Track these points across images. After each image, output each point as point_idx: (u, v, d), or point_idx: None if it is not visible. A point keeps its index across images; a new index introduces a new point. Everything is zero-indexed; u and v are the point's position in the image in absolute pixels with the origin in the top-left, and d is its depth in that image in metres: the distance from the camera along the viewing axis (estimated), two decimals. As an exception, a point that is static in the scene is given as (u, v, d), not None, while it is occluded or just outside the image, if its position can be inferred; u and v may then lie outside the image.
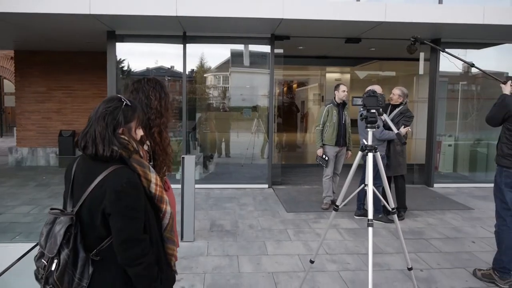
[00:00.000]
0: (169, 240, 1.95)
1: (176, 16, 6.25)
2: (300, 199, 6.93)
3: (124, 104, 1.83)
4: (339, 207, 3.19)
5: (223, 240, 5.00)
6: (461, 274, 4.16)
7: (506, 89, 3.90)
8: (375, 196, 5.55)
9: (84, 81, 10.43)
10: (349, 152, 6.42)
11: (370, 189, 2.82)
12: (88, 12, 6.14)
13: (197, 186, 7.48)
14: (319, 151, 6.28)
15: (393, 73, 12.07)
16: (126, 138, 1.81)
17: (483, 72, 4.30)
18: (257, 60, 8.11)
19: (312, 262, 3.46)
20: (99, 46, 8.51)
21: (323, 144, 6.27)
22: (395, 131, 3.18)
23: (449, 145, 8.94)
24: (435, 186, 8.06)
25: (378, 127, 2.90)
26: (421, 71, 8.34)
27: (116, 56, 7.56)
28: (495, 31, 7.19)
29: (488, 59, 8.67)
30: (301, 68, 14.00)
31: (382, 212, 5.75)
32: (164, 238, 1.94)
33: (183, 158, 4.87)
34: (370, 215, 2.78)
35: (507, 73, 8.30)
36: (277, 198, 7.02)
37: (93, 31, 7.48)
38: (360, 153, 3.03)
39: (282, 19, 6.36)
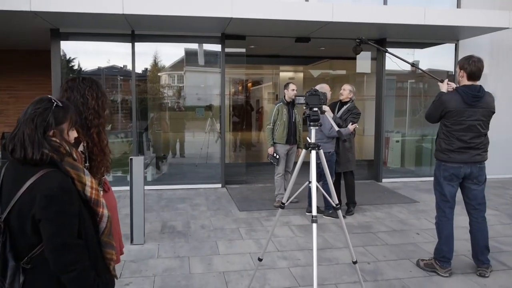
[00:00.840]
0: (107, 244, 1.90)
1: (123, 14, 6.10)
2: (253, 197, 6.97)
3: (54, 105, 1.77)
4: (285, 204, 3.23)
5: (175, 242, 4.94)
6: (405, 265, 4.33)
7: (443, 87, 4.08)
8: (326, 192, 5.65)
9: (28, 81, 9.97)
10: (300, 150, 6.52)
11: (313, 186, 2.87)
12: (28, 9, 5.88)
13: (149, 187, 7.42)
14: (270, 150, 6.35)
15: (343, 72, 12.37)
16: (58, 140, 1.75)
17: (422, 71, 4.49)
18: (211, 59, 8.06)
19: (260, 260, 3.48)
20: (44, 45, 8.16)
21: (274, 143, 6.34)
22: (336, 128, 3.26)
23: (397, 141, 9.27)
24: (383, 181, 8.34)
25: (320, 125, 2.96)
26: (358, 70, 8.63)
27: (60, 55, 7.29)
28: (435, 31, 7.52)
29: (431, 58, 9.06)
30: (256, 67, 14.08)
31: (332, 208, 5.87)
32: (102, 242, 1.89)
33: (131, 159, 4.77)
34: (314, 211, 2.83)
35: (451, 71, 8.70)
36: (230, 197, 7.03)
37: (36, 29, 7.17)
38: (304, 150, 3.08)
39: (232, 18, 6.36)
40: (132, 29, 7.28)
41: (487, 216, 4.16)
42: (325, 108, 5.50)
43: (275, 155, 6.33)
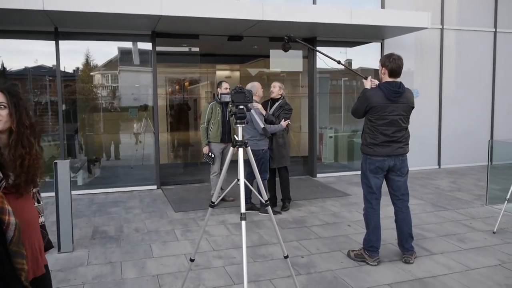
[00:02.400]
0: (16, 254, 1.78)
1: (43, 10, 5.77)
2: (189, 198, 6.89)
3: None
4: (215, 203, 3.21)
5: (106, 247, 4.76)
6: (337, 257, 4.46)
7: (367, 83, 4.26)
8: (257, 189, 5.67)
9: None
10: (234, 149, 6.53)
11: (241, 184, 2.88)
12: None
13: (80, 192, 7.12)
14: (205, 149, 6.31)
15: (279, 70, 12.53)
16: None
17: (348, 68, 4.64)
18: (144, 58, 7.83)
19: (192, 260, 3.44)
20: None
21: (209, 142, 6.30)
22: (262, 125, 3.28)
23: (330, 137, 9.56)
24: (318, 176, 8.56)
25: (247, 123, 2.97)
26: (272, 68, 8.85)
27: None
28: (362, 31, 7.83)
29: (362, 56, 9.44)
30: (192, 66, 13.91)
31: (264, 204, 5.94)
32: (11, 252, 1.77)
33: (55, 163, 4.53)
34: (243, 209, 2.84)
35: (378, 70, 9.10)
36: (165, 199, 6.89)
37: None
38: (232, 149, 3.08)
39: (161, 16, 6.22)
40: (55, 26, 6.91)
41: (413, 205, 4.40)
42: (257, 105, 5.57)
43: (210, 154, 6.30)
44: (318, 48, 8.26)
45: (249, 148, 3.03)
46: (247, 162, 3.38)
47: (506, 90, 9.74)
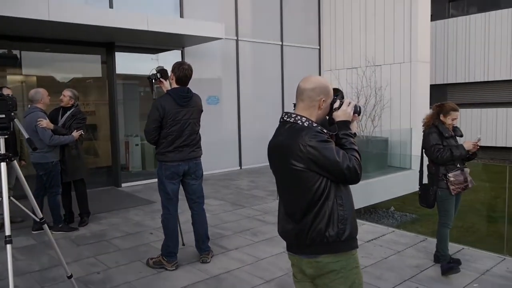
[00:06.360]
0: None
1: None
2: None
3: None
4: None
5: None
6: (137, 267, 4.37)
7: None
8: (55, 206, 5.21)
9: None
10: (23, 162, 5.85)
11: (5, 201, 2.55)
12: None
13: None
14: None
15: (80, 75, 11.70)
16: None
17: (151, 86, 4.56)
18: None
19: None
20: None
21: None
22: (26, 136, 2.98)
23: (137, 145, 9.35)
24: (123, 186, 8.27)
25: (8, 134, 2.66)
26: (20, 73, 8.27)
27: None
28: (160, 38, 7.88)
29: (167, 63, 9.47)
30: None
31: (62, 221, 5.48)
32: None
33: None
34: (7, 231, 2.52)
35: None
36: None
37: None
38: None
39: None
40: None
41: (214, 206, 4.58)
42: (42, 123, 5.02)
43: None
44: (116, 53, 8.05)
45: (14, 161, 2.71)
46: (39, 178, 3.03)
47: (292, 96, 11.05)
